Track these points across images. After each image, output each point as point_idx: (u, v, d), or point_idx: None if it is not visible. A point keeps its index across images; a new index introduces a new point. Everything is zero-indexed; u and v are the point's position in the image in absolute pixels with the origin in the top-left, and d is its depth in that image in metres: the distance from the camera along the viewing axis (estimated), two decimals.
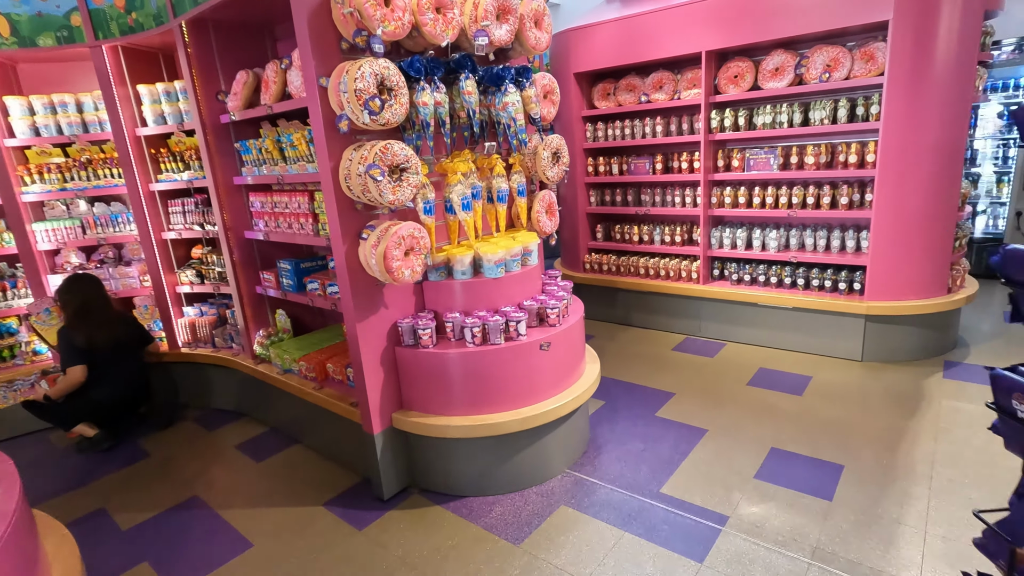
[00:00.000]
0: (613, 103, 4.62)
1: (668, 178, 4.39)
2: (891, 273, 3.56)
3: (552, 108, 2.98)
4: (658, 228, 4.57)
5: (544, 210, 3.06)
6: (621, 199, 4.82)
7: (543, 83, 2.90)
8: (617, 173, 4.71)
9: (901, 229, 3.47)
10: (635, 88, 4.47)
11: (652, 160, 4.49)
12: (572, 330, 2.74)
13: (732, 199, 4.15)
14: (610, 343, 4.46)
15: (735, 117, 4.03)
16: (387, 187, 2.19)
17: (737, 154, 4.07)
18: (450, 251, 2.62)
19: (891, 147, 3.37)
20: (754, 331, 4.15)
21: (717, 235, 4.29)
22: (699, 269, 4.32)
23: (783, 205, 3.94)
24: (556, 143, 2.99)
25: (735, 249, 4.24)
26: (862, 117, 3.59)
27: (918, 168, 3.36)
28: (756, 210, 4.06)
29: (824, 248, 3.94)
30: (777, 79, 3.79)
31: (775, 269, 4.06)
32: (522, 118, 2.65)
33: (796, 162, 3.91)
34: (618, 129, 4.60)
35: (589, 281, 4.91)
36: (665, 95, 4.30)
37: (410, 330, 2.55)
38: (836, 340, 3.81)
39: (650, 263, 4.58)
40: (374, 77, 2.11)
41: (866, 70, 3.47)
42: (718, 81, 4.05)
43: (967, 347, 3.84)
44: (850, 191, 3.68)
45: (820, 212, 3.79)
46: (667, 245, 4.55)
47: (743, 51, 4.02)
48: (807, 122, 3.82)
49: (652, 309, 4.64)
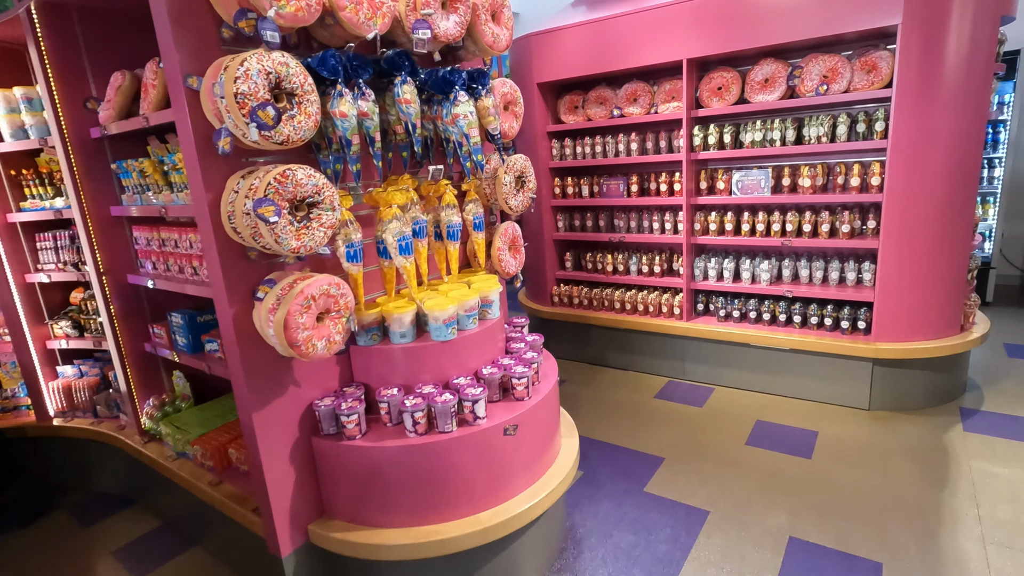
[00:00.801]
0: (582, 117, 4.11)
1: (645, 201, 3.90)
2: (900, 311, 3.13)
3: (515, 122, 2.43)
4: (634, 257, 4.07)
5: (507, 247, 2.49)
6: (592, 224, 4.30)
7: (503, 91, 2.34)
8: (587, 195, 4.19)
9: (911, 261, 3.05)
10: (606, 101, 3.98)
11: (626, 181, 3.99)
12: (545, 403, 2.15)
13: (718, 225, 3.69)
14: (585, 389, 3.90)
15: (720, 134, 3.57)
16: (287, 230, 1.56)
17: (722, 175, 3.61)
18: (385, 307, 2.00)
19: (899, 168, 2.96)
20: (746, 374, 3.67)
21: (701, 265, 3.81)
22: (681, 303, 3.82)
23: (775, 233, 3.49)
24: (520, 165, 2.42)
25: (721, 281, 3.76)
26: (863, 135, 3.18)
27: (929, 192, 2.95)
28: (745, 238, 3.60)
29: (822, 280, 3.50)
30: (767, 91, 3.36)
31: (768, 304, 3.60)
32: (477, 134, 2.08)
33: (789, 184, 3.48)
34: (588, 146, 4.09)
35: (558, 316, 4.35)
36: (640, 109, 3.81)
37: (330, 415, 1.91)
38: (840, 386, 3.36)
39: (626, 296, 4.07)
40: (264, 76, 1.49)
41: (868, 81, 3.06)
42: (700, 93, 3.59)
43: (978, 390, 3.45)
44: (851, 217, 3.26)
45: (818, 241, 3.35)
46: (645, 276, 4.04)
47: (728, 60, 3.58)
48: (801, 140, 3.40)
49: (630, 348, 4.11)
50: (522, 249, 2.59)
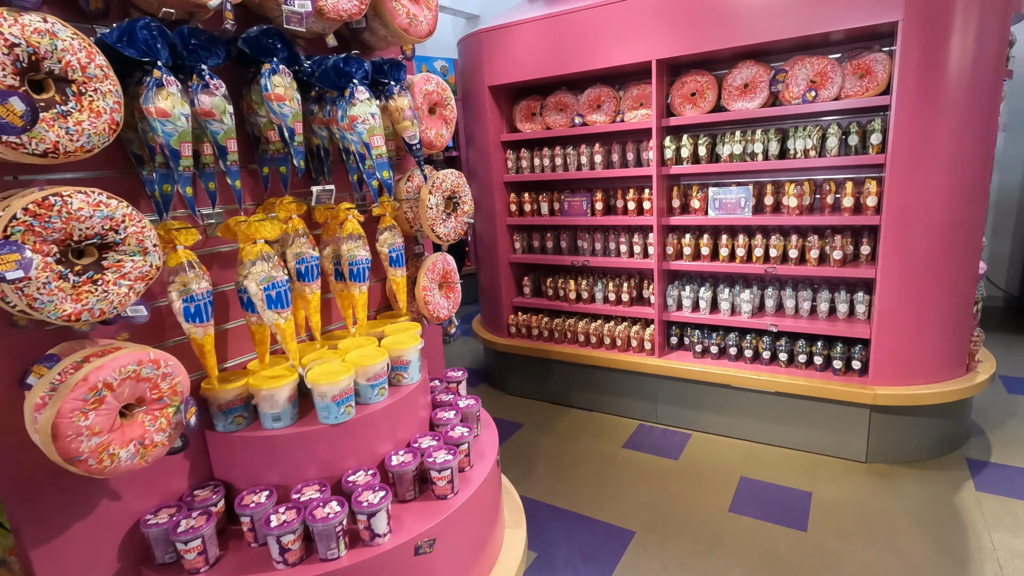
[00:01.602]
0: (540, 126, 3.64)
1: (611, 220, 3.44)
2: (901, 349, 2.72)
3: (444, 129, 1.92)
4: (600, 283, 3.60)
5: (436, 284, 1.98)
6: (553, 245, 3.82)
7: (427, 90, 1.83)
8: (547, 213, 3.71)
9: (912, 292, 2.65)
10: (567, 107, 3.51)
11: (590, 198, 3.52)
12: (478, 499, 1.63)
13: (692, 249, 3.24)
14: (544, 437, 3.39)
15: (694, 146, 3.14)
16: (52, 289, 1.02)
17: (697, 192, 3.17)
18: (253, 379, 1.46)
19: (898, 187, 2.56)
20: (726, 419, 3.21)
21: (674, 294, 3.36)
22: (653, 336, 3.36)
23: (757, 258, 3.06)
24: (451, 183, 1.92)
25: (697, 312, 3.32)
26: (856, 148, 2.77)
27: (933, 214, 2.55)
28: (723, 263, 3.16)
29: (810, 312, 3.09)
30: (747, 98, 2.94)
31: (749, 339, 3.17)
32: (382, 143, 1.56)
33: (772, 204, 3.05)
34: (547, 158, 3.61)
35: (516, 349, 3.84)
36: (604, 116, 3.36)
37: (163, 539, 1.35)
38: (833, 435, 2.93)
39: (591, 327, 3.59)
40: (5, 52, 0.95)
41: (861, 87, 2.66)
42: (671, 100, 3.15)
43: (983, 435, 3.07)
44: (844, 242, 2.85)
45: (805, 268, 2.93)
46: (612, 305, 3.57)
47: (702, 62, 3.16)
48: (785, 153, 2.98)
49: (596, 386, 3.63)
50: (457, 287, 2.08)
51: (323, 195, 1.52)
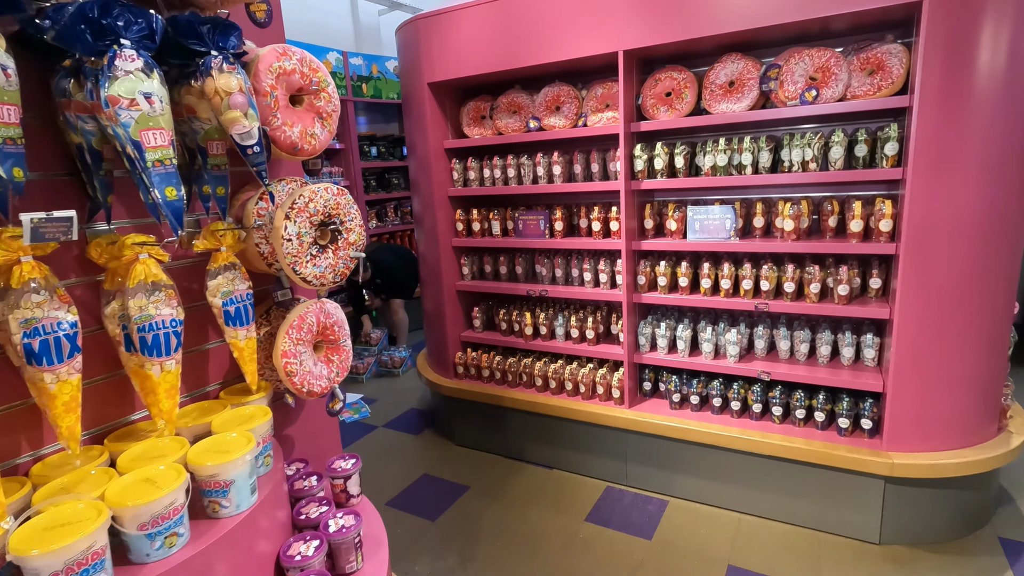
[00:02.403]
0: (490, 130, 3.09)
1: (573, 243, 2.89)
2: (922, 407, 2.21)
3: (319, 127, 1.35)
4: (561, 316, 3.04)
5: (306, 346, 1.39)
6: (507, 270, 3.26)
7: (282, 68, 1.26)
8: (499, 233, 3.15)
9: (937, 338, 2.14)
10: (521, 109, 2.97)
11: (548, 216, 2.97)
12: None
13: (668, 278, 2.70)
14: (491, 505, 2.80)
15: (669, 156, 2.61)
16: None
17: (674, 211, 2.64)
18: None
19: (921, 209, 2.06)
20: (709, 485, 2.67)
21: (647, 331, 2.82)
22: (622, 382, 2.81)
23: (746, 292, 2.54)
24: (325, 203, 1.34)
25: (674, 353, 2.78)
26: (865, 161, 2.27)
27: (964, 243, 2.05)
28: (704, 297, 2.63)
29: (808, 355, 2.57)
30: (732, 99, 2.42)
31: (736, 388, 2.63)
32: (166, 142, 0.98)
33: (763, 226, 2.54)
34: (498, 169, 3.06)
35: (464, 394, 3.25)
36: (564, 120, 2.82)
37: None
38: (840, 510, 2.40)
39: (551, 369, 3.02)
40: None
41: (872, 86, 2.16)
42: (643, 101, 2.63)
43: (1012, 503, 2.57)
44: (851, 274, 2.34)
45: (804, 305, 2.41)
46: (574, 343, 3.01)
47: (680, 56, 2.64)
48: (779, 166, 2.47)
49: (556, 440, 3.05)
50: (343, 345, 1.49)
51: (45, 227, 0.92)
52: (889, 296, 2.33)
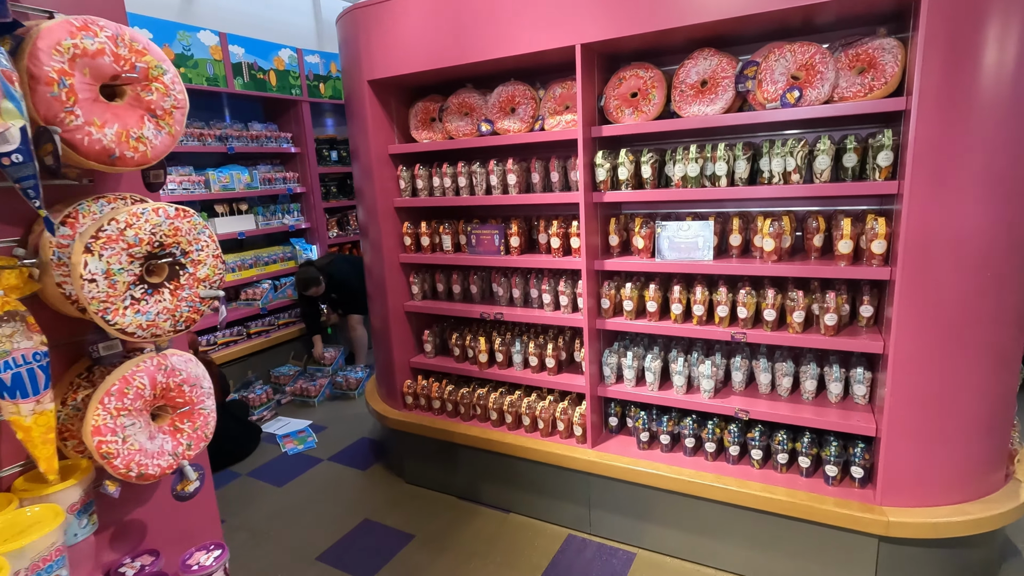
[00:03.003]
0: (440, 134, 2.77)
1: (530, 261, 2.57)
2: (921, 455, 1.92)
3: (152, 129, 1.02)
4: (519, 342, 2.72)
5: (138, 416, 1.05)
6: (461, 290, 2.93)
7: (80, 47, 0.92)
8: (451, 248, 2.83)
9: (939, 375, 1.86)
10: (473, 110, 2.65)
11: (503, 231, 2.66)
12: None
13: (635, 303, 2.40)
14: (437, 560, 2.46)
15: (635, 164, 2.31)
16: None
17: (641, 227, 2.34)
18: None
19: (919, 228, 1.77)
20: (681, 536, 2.36)
21: (613, 361, 2.51)
22: (584, 418, 2.49)
23: (721, 319, 2.24)
24: (151, 229, 1.00)
25: (642, 386, 2.47)
26: (854, 172, 1.99)
27: (970, 267, 1.77)
28: (675, 324, 2.33)
29: (791, 390, 2.28)
30: (705, 100, 2.13)
31: (711, 427, 2.33)
32: None
33: (740, 245, 2.24)
34: (448, 177, 2.74)
35: (413, 427, 2.92)
36: (520, 123, 2.51)
37: None
38: (828, 570, 2.10)
39: (506, 402, 2.70)
40: None
41: (862, 86, 1.88)
42: (606, 102, 2.32)
43: (1018, 555, 2.29)
44: (839, 301, 2.05)
45: (786, 336, 2.12)
46: (533, 372, 2.70)
47: (647, 52, 2.35)
48: (758, 177, 2.18)
49: (512, 481, 2.73)
50: (201, 410, 1.15)
51: None
52: (882, 326, 2.04)
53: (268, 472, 3.31)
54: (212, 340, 4.15)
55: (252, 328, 4.48)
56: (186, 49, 3.84)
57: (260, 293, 4.55)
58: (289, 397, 4.35)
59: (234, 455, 3.41)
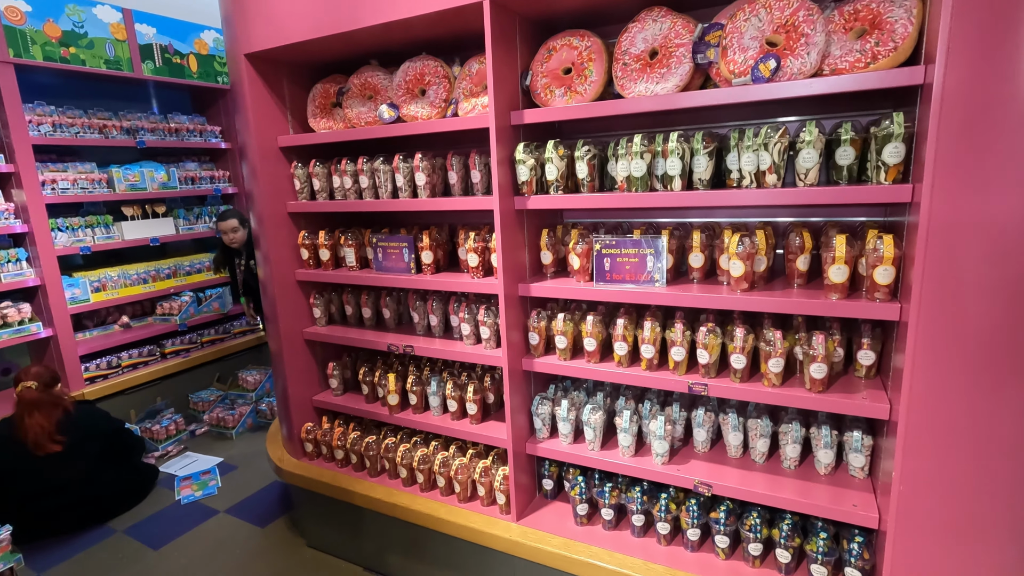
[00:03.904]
0: (340, 122, 2.24)
1: (443, 281, 2.03)
2: (941, 556, 1.39)
3: None
4: (435, 381, 2.19)
5: None
6: (372, 315, 2.40)
7: None
8: (355, 264, 2.29)
9: (965, 448, 1.33)
10: (378, 92, 2.13)
11: (413, 243, 2.12)
12: None
13: (569, 338, 1.87)
14: None
15: (568, 159, 1.79)
16: None
17: (578, 242, 1.81)
18: None
19: (946, 248, 1.24)
20: None
21: (545, 410, 1.97)
22: (508, 481, 1.96)
23: (677, 364, 1.70)
24: None
25: (580, 443, 1.94)
26: (851, 172, 1.47)
27: (1013, 304, 1.24)
28: (620, 368, 1.80)
29: (767, 455, 1.75)
30: (654, 75, 1.60)
31: (665, 501, 1.79)
32: None
33: (702, 267, 1.72)
34: (348, 176, 2.21)
35: (310, 483, 2.37)
36: (430, 107, 1.98)
37: None
38: None
39: (417, 456, 2.16)
40: None
41: (863, 54, 1.36)
42: (532, 80, 1.80)
43: None
44: (831, 345, 1.52)
45: (760, 389, 1.59)
46: (453, 418, 2.16)
47: (583, 15, 1.82)
48: (724, 177, 1.66)
49: (426, 557, 2.18)
50: None
51: None
52: (889, 379, 1.52)
53: (150, 528, 2.76)
54: (115, 362, 3.60)
55: (168, 347, 3.93)
56: (77, 26, 3.30)
57: (179, 307, 4.01)
58: (205, 427, 3.80)
59: (111, 510, 2.85)
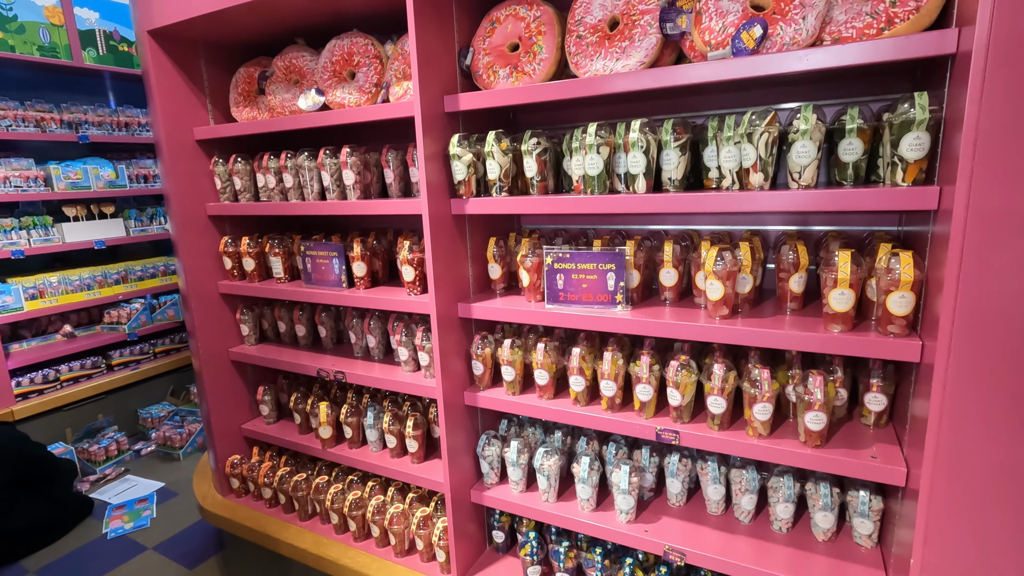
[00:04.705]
0: (266, 111, 1.93)
1: (377, 298, 1.73)
2: None
3: None
4: (372, 411, 1.88)
5: None
6: (307, 333, 2.10)
7: None
8: (283, 274, 1.99)
9: (1005, 520, 1.01)
10: (305, 76, 1.82)
11: (343, 253, 1.82)
12: None
13: (518, 368, 1.56)
14: None
15: (512, 155, 1.48)
16: None
17: (528, 254, 1.50)
18: None
19: (986, 268, 0.93)
20: None
21: (492, 452, 1.67)
22: (447, 534, 1.64)
23: (643, 405, 1.39)
24: None
25: (532, 491, 1.63)
26: (858, 170, 1.15)
27: None
28: (577, 407, 1.49)
29: (754, 514, 1.44)
30: (615, 50, 1.29)
31: (631, 567, 1.48)
32: None
33: (674, 286, 1.41)
34: (272, 174, 1.90)
35: (236, 527, 2.07)
36: (359, 92, 1.67)
37: None
38: None
39: (347, 501, 1.85)
40: None
41: (875, 18, 1.05)
42: (473, 59, 1.49)
43: None
44: (830, 388, 1.20)
45: (742, 439, 1.28)
46: (393, 455, 1.86)
47: None
48: (702, 176, 1.35)
49: None
50: None
51: None
52: (906, 430, 1.21)
53: (66, 568, 2.46)
54: (52, 376, 3.31)
55: (115, 358, 3.63)
56: (6, 8, 3.00)
57: (128, 315, 3.71)
58: (152, 446, 3.50)
59: (24, 547, 2.55)
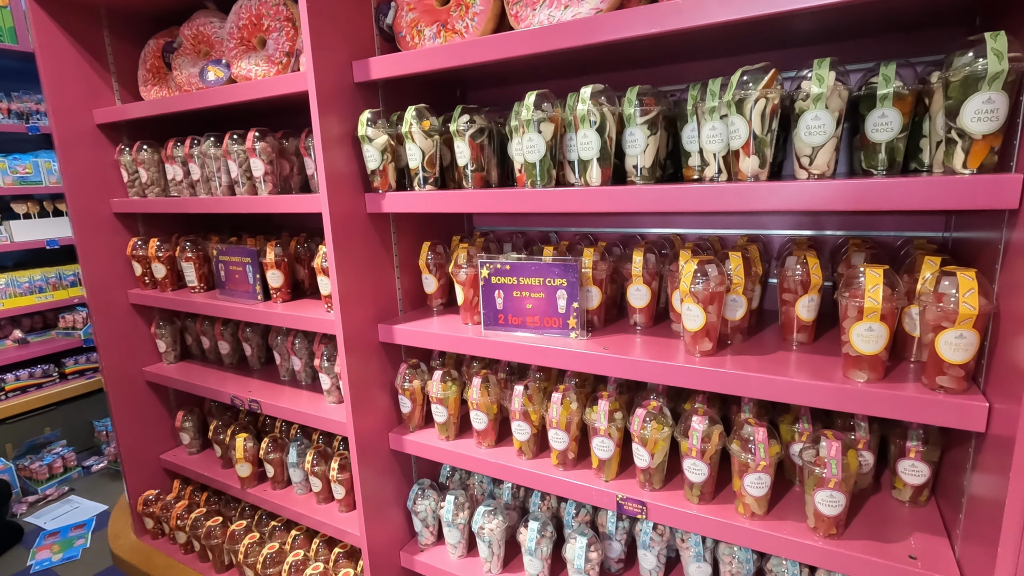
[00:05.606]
0: (176, 90, 1.63)
1: (290, 314, 1.41)
2: None
3: None
4: (294, 447, 1.57)
5: None
6: (234, 350, 1.79)
7: None
8: (196, 282, 1.68)
9: None
10: (213, 46, 1.51)
11: (257, 259, 1.51)
12: None
13: (452, 408, 1.23)
14: None
15: (438, 138, 1.15)
16: None
17: (463, 264, 1.18)
18: None
19: None
20: None
21: (424, 507, 1.34)
22: None
23: (602, 463, 1.06)
24: None
25: (472, 557, 1.30)
26: (894, 154, 0.81)
27: None
28: (523, 460, 1.16)
29: None
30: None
31: None
32: None
33: (647, 305, 1.07)
34: (178, 163, 1.60)
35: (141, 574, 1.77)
36: (268, 64, 1.36)
37: None
38: None
39: (263, 555, 1.54)
40: None
41: None
42: (395, 16, 1.17)
43: None
44: (852, 456, 0.86)
45: (730, 516, 0.94)
46: (319, 500, 1.54)
47: None
48: (681, 162, 1.01)
49: None
50: None
51: None
52: (958, 513, 0.86)
53: None
54: None
55: (69, 366, 3.38)
56: None
57: (85, 319, 3.45)
58: (104, 462, 3.24)
59: None
